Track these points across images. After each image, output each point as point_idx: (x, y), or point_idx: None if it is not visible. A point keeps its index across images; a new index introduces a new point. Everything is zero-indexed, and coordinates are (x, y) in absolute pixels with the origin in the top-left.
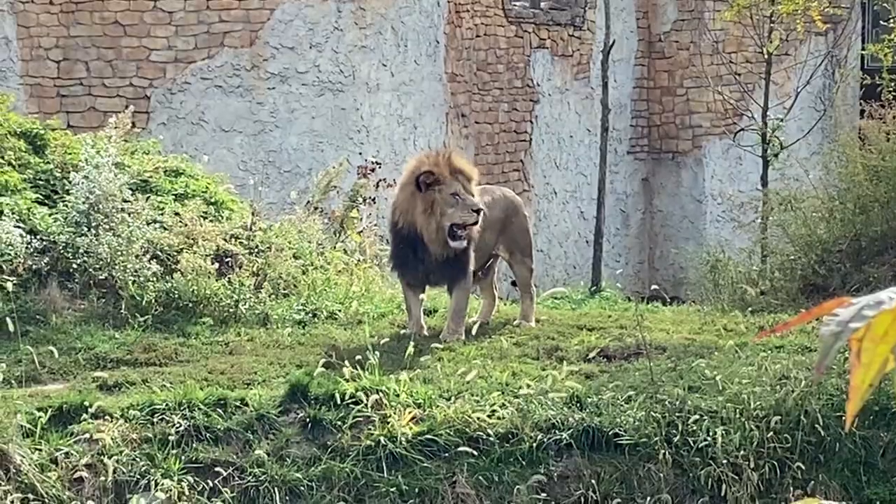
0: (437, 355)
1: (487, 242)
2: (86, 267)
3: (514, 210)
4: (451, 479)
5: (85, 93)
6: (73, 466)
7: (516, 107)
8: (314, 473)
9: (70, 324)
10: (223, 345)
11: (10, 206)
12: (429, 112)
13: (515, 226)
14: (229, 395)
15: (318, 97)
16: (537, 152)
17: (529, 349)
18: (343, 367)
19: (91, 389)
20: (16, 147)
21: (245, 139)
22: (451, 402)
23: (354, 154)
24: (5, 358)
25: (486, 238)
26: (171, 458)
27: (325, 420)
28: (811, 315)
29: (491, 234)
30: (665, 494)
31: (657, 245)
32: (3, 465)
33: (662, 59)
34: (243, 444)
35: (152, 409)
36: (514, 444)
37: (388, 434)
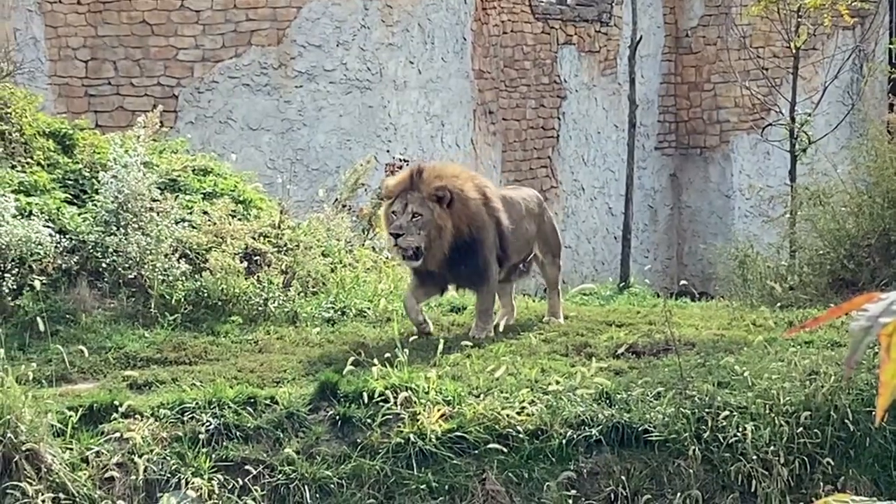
0: (465, 352)
1: (528, 231)
2: (115, 266)
3: (544, 208)
4: (481, 476)
5: (113, 92)
6: (103, 465)
7: (543, 103)
8: (344, 471)
9: (100, 323)
10: (252, 343)
11: (39, 206)
12: (456, 109)
13: (547, 224)
14: (259, 394)
15: (345, 95)
16: (565, 149)
17: (558, 346)
18: (372, 365)
19: (121, 388)
20: (45, 147)
21: (273, 137)
22: (481, 399)
23: (382, 151)
24: (36, 357)
25: (526, 226)
26: (202, 457)
27: (354, 418)
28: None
29: (530, 223)
30: (695, 490)
31: (685, 241)
32: (34, 464)
33: (690, 54)
34: (273, 442)
35: (182, 407)
36: (543, 440)
37: (418, 431)
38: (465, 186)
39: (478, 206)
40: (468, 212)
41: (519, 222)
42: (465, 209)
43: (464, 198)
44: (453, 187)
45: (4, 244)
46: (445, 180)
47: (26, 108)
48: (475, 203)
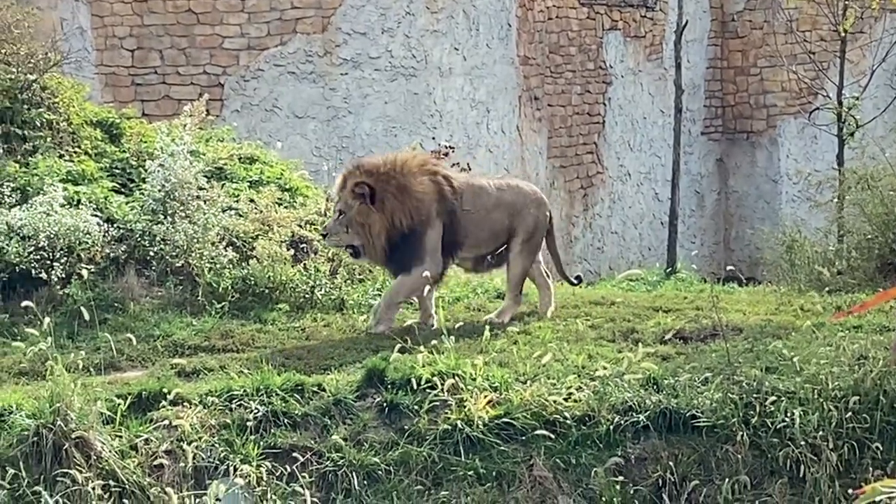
0: (512, 339)
1: (497, 222)
2: (162, 254)
3: (534, 202)
4: (529, 462)
5: (159, 81)
6: (152, 453)
7: (589, 89)
8: (391, 458)
9: (148, 311)
10: (299, 331)
11: (87, 195)
12: (501, 96)
13: (530, 220)
14: (306, 381)
15: (390, 82)
16: (611, 134)
17: (605, 332)
18: (419, 352)
19: (169, 376)
20: (92, 136)
21: (318, 125)
22: (528, 386)
23: (427, 138)
24: (84, 346)
25: (495, 217)
26: (250, 444)
27: (401, 404)
28: (889, 295)
29: (502, 214)
30: (743, 476)
31: (732, 226)
32: (84, 451)
33: (736, 38)
34: (321, 429)
35: (230, 395)
36: (590, 426)
37: (465, 418)
38: (409, 179)
39: (422, 196)
40: (408, 204)
41: (486, 212)
42: (404, 202)
43: (401, 190)
44: (390, 183)
45: (53, 233)
46: (378, 175)
47: (73, 97)
48: (418, 194)
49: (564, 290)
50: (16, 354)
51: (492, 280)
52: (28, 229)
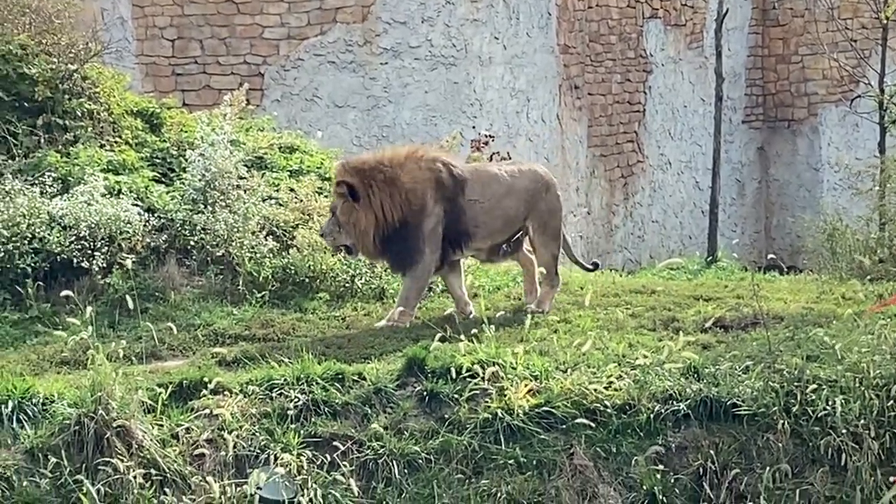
0: (552, 327)
1: (510, 210)
2: (203, 244)
3: (544, 185)
4: (569, 451)
5: (199, 71)
6: (193, 442)
7: (629, 77)
8: (432, 446)
9: (188, 300)
10: (340, 319)
11: (127, 185)
12: (541, 84)
13: (546, 202)
14: (347, 370)
15: (430, 71)
16: (651, 123)
17: (646, 320)
18: (459, 341)
19: (210, 365)
20: (133, 126)
21: (358, 114)
22: (568, 374)
23: (468, 128)
24: (126, 335)
25: (506, 205)
26: (290, 433)
27: (442, 393)
28: None
29: (514, 201)
30: (784, 464)
31: (773, 214)
32: (125, 440)
33: (777, 26)
34: (361, 417)
35: (271, 384)
36: (631, 415)
37: (505, 406)
38: (397, 170)
39: (412, 186)
40: (398, 196)
41: (497, 200)
42: (392, 194)
43: (389, 182)
44: (377, 178)
45: (94, 223)
46: (363, 172)
47: (114, 87)
48: (408, 184)
49: (604, 279)
50: (57, 344)
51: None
52: (69, 219)
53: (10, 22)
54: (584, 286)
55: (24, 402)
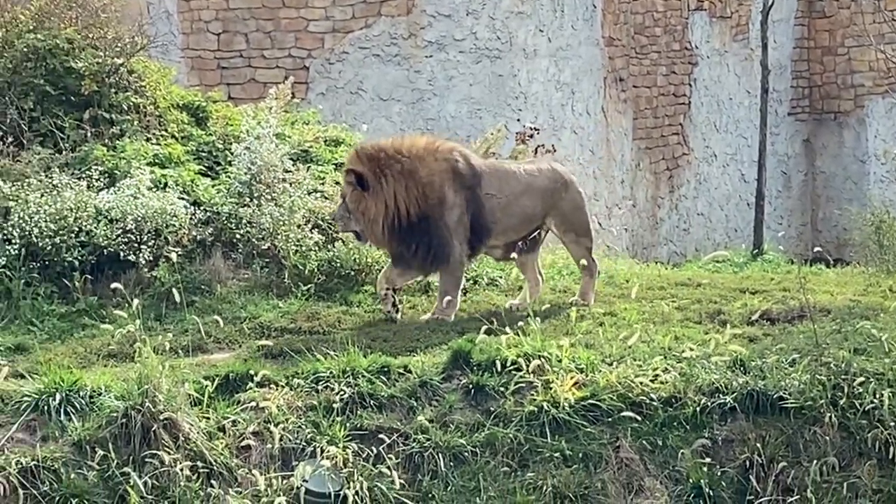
0: (598, 320)
1: (528, 207)
2: (249, 237)
3: (563, 184)
4: (615, 444)
5: (245, 64)
6: (240, 434)
7: (674, 70)
8: (477, 439)
9: (234, 293)
10: (385, 312)
11: (174, 178)
12: (586, 77)
13: (567, 202)
14: (392, 363)
15: (475, 64)
16: (696, 115)
17: (692, 313)
18: (504, 334)
19: (256, 358)
20: (179, 120)
21: (403, 107)
22: (614, 367)
23: (512, 120)
24: (172, 328)
25: (524, 203)
26: (336, 426)
27: (487, 386)
28: None
29: (531, 200)
30: (831, 458)
31: (819, 207)
32: (172, 433)
33: (823, 18)
34: (407, 410)
35: (317, 376)
36: (677, 408)
37: (551, 399)
38: (415, 163)
39: (429, 179)
40: (414, 190)
41: (514, 198)
42: (408, 187)
43: (407, 175)
44: (393, 168)
45: (140, 216)
46: (378, 160)
47: (160, 81)
48: (426, 178)
49: (650, 271)
50: (104, 337)
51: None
52: (116, 212)
53: (57, 16)
54: (630, 279)
55: (72, 395)
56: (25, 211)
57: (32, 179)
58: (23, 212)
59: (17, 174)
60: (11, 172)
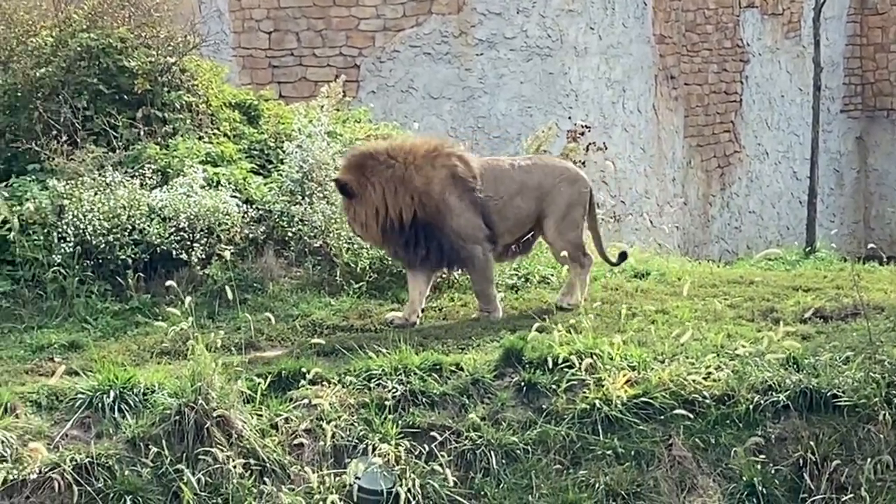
0: (650, 318)
1: (521, 209)
2: (301, 235)
3: (565, 181)
4: (668, 442)
5: (296, 63)
6: (292, 432)
7: (726, 67)
8: (529, 437)
9: (286, 291)
10: (437, 310)
11: (226, 177)
12: (637, 75)
13: (564, 198)
14: (444, 360)
15: (525, 62)
16: (748, 113)
17: (744, 311)
18: (556, 331)
19: (308, 355)
20: (231, 118)
21: (454, 105)
22: (666, 365)
23: (563, 118)
24: (225, 325)
25: (518, 203)
26: (388, 423)
27: (539, 384)
28: None
29: (525, 200)
30: (886, 456)
31: (872, 204)
32: (225, 430)
33: (875, 15)
34: (459, 408)
35: (369, 374)
36: (730, 406)
37: (603, 397)
38: (411, 170)
39: (427, 190)
40: (408, 199)
41: (509, 198)
42: (399, 192)
43: (401, 181)
44: (383, 174)
45: (193, 214)
46: (367, 167)
47: (212, 79)
48: (423, 189)
49: (702, 269)
50: (157, 334)
51: None
52: (169, 210)
53: (110, 15)
54: (682, 276)
55: (126, 392)
56: (79, 209)
57: (86, 178)
58: (77, 210)
59: (71, 172)
60: (66, 171)
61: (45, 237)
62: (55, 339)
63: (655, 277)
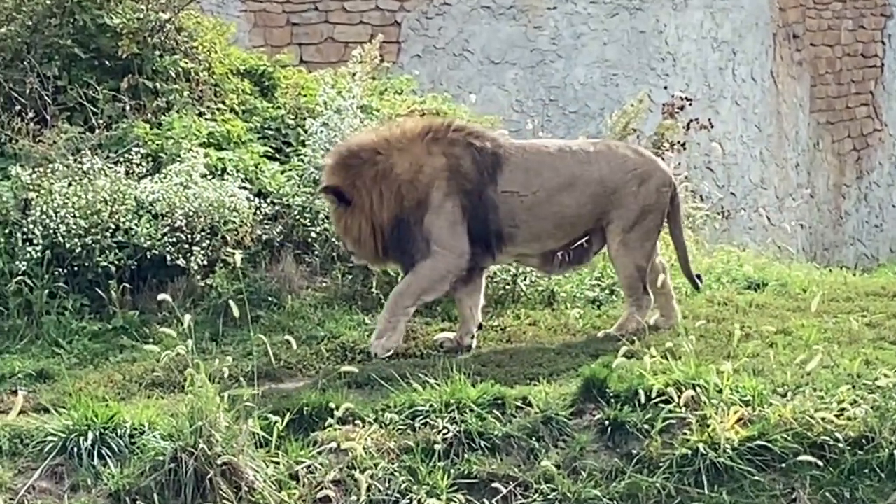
0: (768, 340)
1: (569, 209)
2: (327, 236)
3: (637, 178)
4: (790, 497)
5: (320, 20)
6: (317, 483)
7: (863, 24)
8: (616, 490)
9: (309, 307)
10: (499, 330)
11: (233, 163)
12: (751, 33)
13: (638, 201)
14: (508, 394)
15: (610, 18)
16: (891, 82)
17: (886, 331)
18: (649, 357)
19: (337, 387)
20: (239, 89)
21: (520, 72)
22: (788, 399)
23: (657, 88)
24: (232, 350)
25: (564, 201)
26: (438, 472)
27: (627, 423)
28: None
29: (576, 197)
30: None
31: None
32: (232, 482)
33: None
34: (527, 453)
35: (413, 411)
36: (868, 451)
37: (709, 440)
38: (395, 159)
39: (411, 179)
40: (388, 193)
41: (549, 195)
42: (381, 192)
43: (383, 176)
44: (367, 175)
45: (192, 210)
46: (354, 166)
47: (216, 41)
48: (405, 177)
49: (833, 279)
50: (148, 361)
51: (741, 266)
52: (161, 205)
53: None
54: (808, 288)
55: (108, 434)
56: (49, 204)
57: (58, 164)
58: (46, 205)
59: (39, 158)
60: (32, 156)
61: (6, 239)
62: (19, 367)
63: (774, 289)
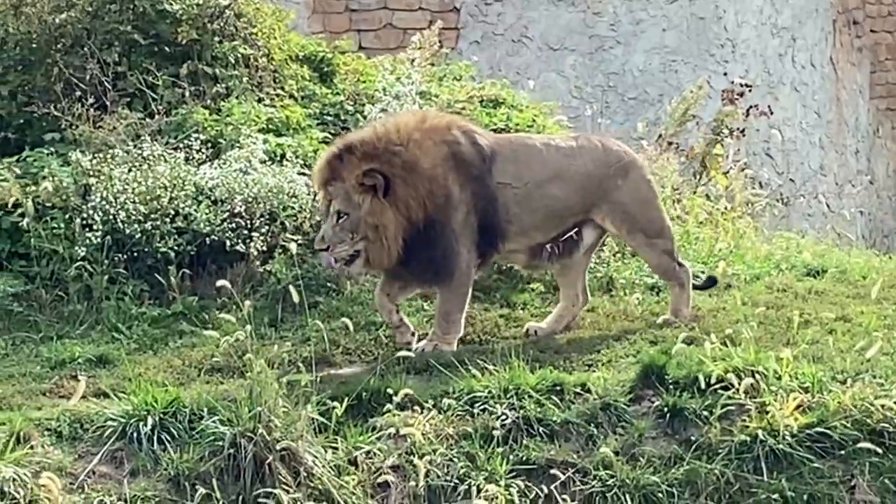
0: (827, 327)
1: (558, 199)
2: None
3: (620, 169)
4: (849, 484)
5: (379, 6)
6: (376, 469)
7: None
8: (675, 476)
9: (368, 293)
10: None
11: (292, 148)
12: (811, 19)
13: (625, 192)
14: (566, 380)
15: (669, 4)
16: None
17: None
18: (708, 343)
19: (396, 373)
20: (298, 75)
21: (579, 59)
22: (848, 386)
23: (717, 74)
24: (290, 336)
25: (551, 192)
26: (497, 458)
27: (686, 409)
28: None
29: (564, 189)
30: None
31: None
32: (291, 466)
33: None
34: (585, 439)
35: (472, 397)
36: None
37: (768, 427)
38: (413, 150)
39: (433, 172)
40: (421, 187)
41: (536, 187)
42: (416, 186)
43: (409, 169)
44: (395, 164)
45: (252, 197)
46: (381, 156)
47: (275, 27)
48: (429, 170)
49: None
50: (207, 346)
51: (800, 252)
52: (221, 191)
53: None
54: (868, 275)
55: (167, 419)
56: (109, 190)
57: (118, 150)
58: (106, 191)
59: (99, 144)
60: (92, 142)
61: (66, 225)
62: (79, 353)
63: (834, 276)
